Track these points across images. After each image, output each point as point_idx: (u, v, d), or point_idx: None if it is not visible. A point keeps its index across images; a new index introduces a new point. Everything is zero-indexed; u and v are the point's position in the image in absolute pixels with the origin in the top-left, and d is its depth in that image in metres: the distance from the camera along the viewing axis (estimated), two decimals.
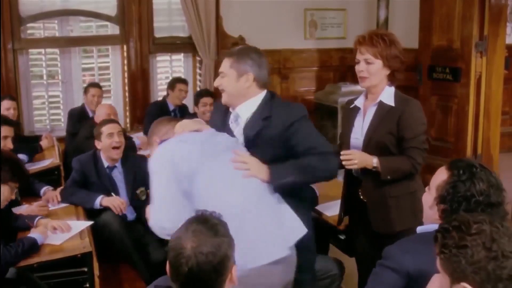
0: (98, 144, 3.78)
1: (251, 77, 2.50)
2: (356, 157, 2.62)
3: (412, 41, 5.72)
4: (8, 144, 3.78)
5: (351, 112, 2.85)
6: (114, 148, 3.75)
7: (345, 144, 2.83)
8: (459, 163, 1.86)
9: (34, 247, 2.80)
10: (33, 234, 2.87)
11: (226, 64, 2.54)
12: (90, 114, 5.15)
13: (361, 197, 2.79)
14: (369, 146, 2.69)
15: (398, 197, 2.70)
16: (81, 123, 5.02)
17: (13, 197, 2.91)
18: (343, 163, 2.63)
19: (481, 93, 5.19)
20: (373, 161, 2.63)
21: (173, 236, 1.66)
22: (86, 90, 5.35)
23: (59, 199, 3.60)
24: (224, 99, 2.58)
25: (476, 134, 5.25)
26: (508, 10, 5.66)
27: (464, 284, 1.42)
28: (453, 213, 1.79)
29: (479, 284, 1.41)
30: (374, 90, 2.75)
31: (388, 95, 2.73)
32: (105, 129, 3.76)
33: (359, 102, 2.83)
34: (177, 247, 1.61)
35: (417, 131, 2.68)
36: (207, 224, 1.65)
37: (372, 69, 2.70)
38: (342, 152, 2.64)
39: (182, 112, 5.54)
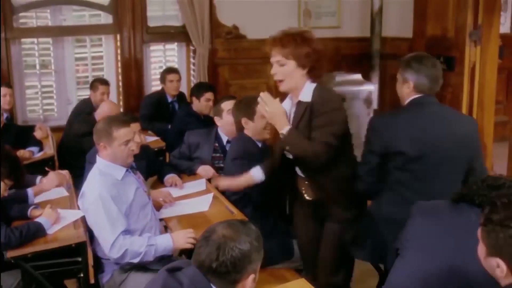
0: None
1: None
2: (270, 108, 2.61)
3: (406, 30, 5.71)
4: None
5: None
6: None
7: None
8: None
9: (40, 232, 2.79)
10: (40, 219, 2.86)
11: None
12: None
13: (306, 196, 2.82)
14: None
15: (339, 187, 2.74)
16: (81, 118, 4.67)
17: (6, 194, 2.90)
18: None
19: (475, 82, 5.19)
20: (285, 128, 2.60)
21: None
22: (94, 86, 5.08)
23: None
24: None
25: None
26: None
27: (498, 260, 1.47)
28: None
29: None
30: (297, 91, 2.69)
31: (307, 92, 2.65)
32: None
33: (286, 105, 2.76)
34: (209, 229, 1.72)
35: (326, 116, 2.60)
36: (246, 225, 1.76)
37: (285, 70, 2.63)
38: (261, 95, 2.66)
39: (180, 101, 5.49)
